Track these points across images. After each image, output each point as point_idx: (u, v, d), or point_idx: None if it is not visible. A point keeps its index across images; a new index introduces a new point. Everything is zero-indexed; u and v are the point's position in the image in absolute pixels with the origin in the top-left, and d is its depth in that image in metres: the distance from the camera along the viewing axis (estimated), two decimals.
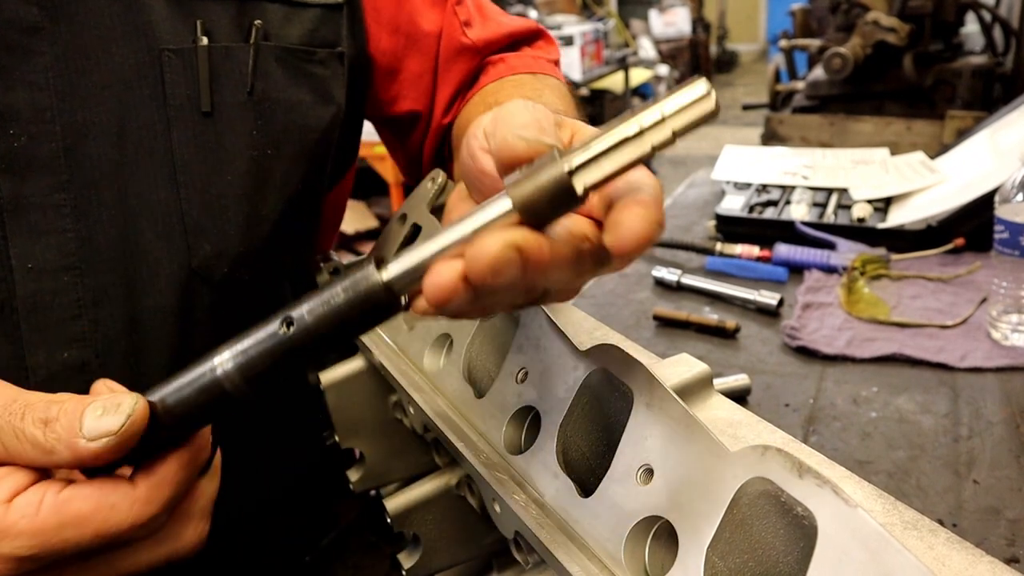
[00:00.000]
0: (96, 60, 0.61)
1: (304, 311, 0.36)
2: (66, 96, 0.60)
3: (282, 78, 0.69)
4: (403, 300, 0.36)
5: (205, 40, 0.64)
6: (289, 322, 0.36)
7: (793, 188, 1.51)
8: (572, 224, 0.36)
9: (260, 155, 0.68)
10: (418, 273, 0.34)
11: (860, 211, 1.37)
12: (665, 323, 1.15)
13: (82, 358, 0.62)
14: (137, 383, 0.42)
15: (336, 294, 0.35)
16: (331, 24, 0.72)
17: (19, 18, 0.58)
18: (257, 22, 0.67)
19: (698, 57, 9.65)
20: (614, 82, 5.55)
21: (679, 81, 9.07)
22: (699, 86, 0.31)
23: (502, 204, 0.34)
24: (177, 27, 0.64)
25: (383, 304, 0.35)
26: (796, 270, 1.27)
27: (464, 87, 0.84)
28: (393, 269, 0.35)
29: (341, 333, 0.36)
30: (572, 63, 4.81)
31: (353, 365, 0.66)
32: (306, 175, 0.72)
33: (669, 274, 1.25)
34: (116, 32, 0.62)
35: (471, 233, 0.34)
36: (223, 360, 0.37)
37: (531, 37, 0.89)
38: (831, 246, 1.29)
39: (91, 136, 0.61)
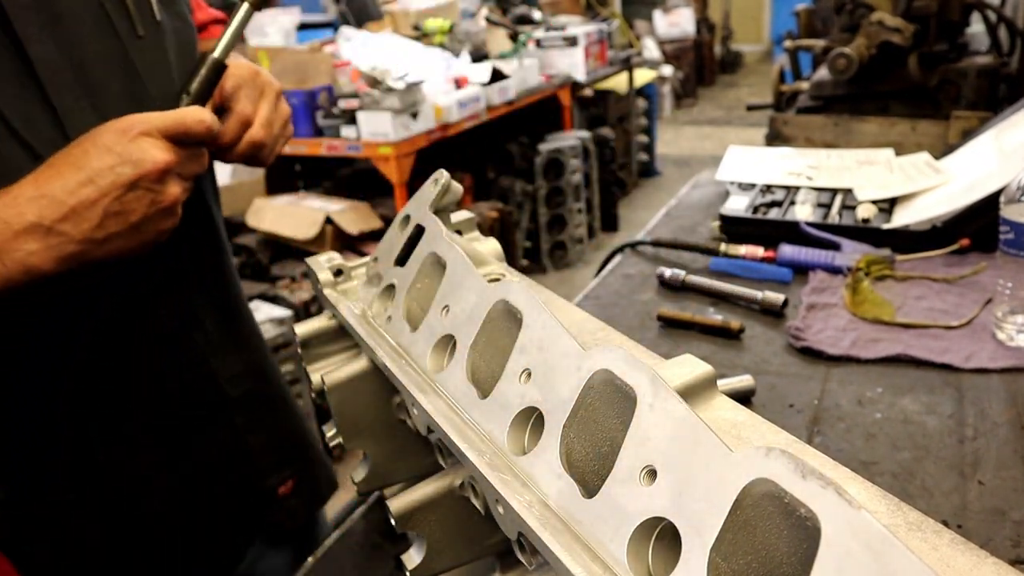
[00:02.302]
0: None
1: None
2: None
3: None
4: None
5: None
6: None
7: (797, 189, 1.51)
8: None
9: None
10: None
11: (865, 212, 1.37)
12: (669, 324, 1.15)
13: None
14: None
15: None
16: None
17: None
18: None
19: (702, 58, 9.65)
20: (618, 83, 5.55)
21: (682, 82, 9.03)
22: None
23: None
24: None
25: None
26: (800, 271, 1.26)
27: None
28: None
29: None
30: (576, 63, 4.80)
31: (356, 366, 0.66)
32: None
33: (673, 275, 1.25)
34: None
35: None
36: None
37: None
38: (836, 247, 1.28)
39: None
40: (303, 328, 0.73)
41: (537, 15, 5.40)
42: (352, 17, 4.92)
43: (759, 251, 1.29)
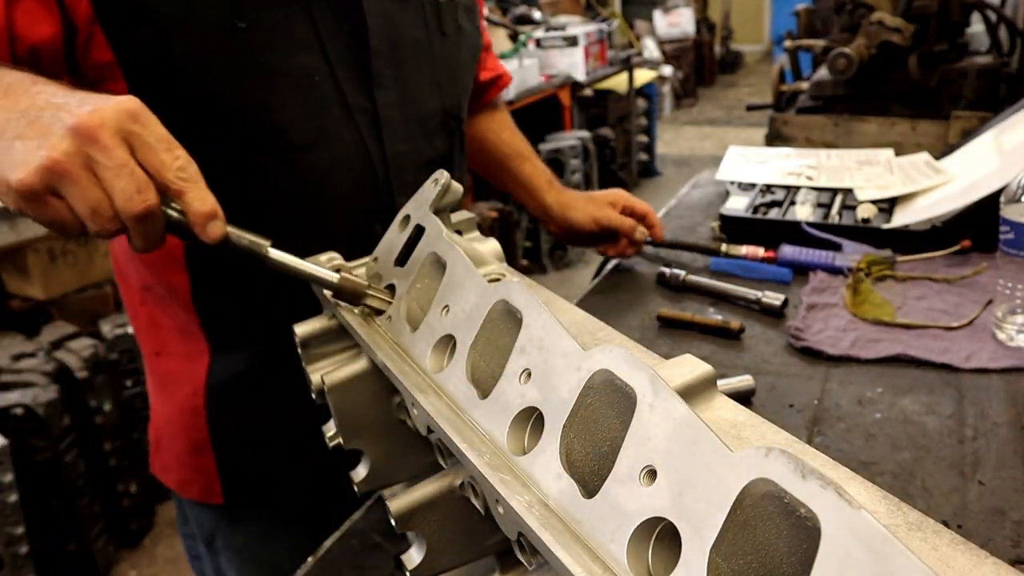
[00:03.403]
0: None
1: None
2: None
3: None
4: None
5: None
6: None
7: (797, 189, 1.51)
8: None
9: None
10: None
11: (865, 212, 1.37)
12: (669, 324, 1.15)
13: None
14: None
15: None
16: None
17: None
18: None
19: (702, 58, 9.65)
20: (618, 82, 5.55)
21: (682, 82, 9.02)
22: None
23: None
24: None
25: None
26: (801, 271, 1.26)
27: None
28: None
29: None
30: (576, 63, 4.80)
31: (357, 366, 0.66)
32: None
33: (673, 274, 1.25)
34: None
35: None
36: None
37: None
38: (836, 247, 1.28)
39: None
40: (303, 328, 0.73)
41: (537, 15, 5.39)
42: None
43: (759, 251, 1.29)
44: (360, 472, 0.69)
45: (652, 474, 0.39)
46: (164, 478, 1.04)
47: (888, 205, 1.41)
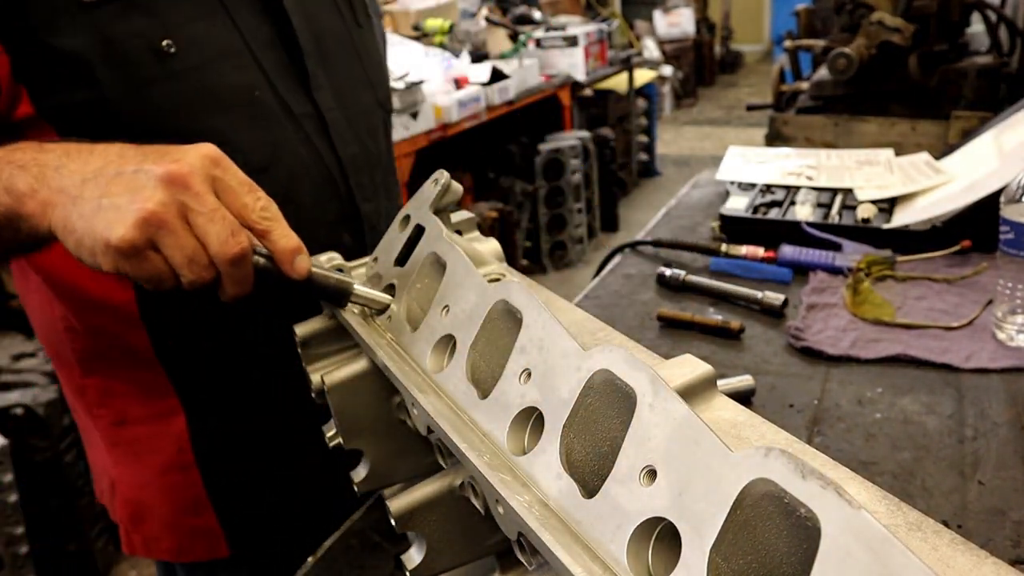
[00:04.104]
0: None
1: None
2: None
3: None
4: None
5: None
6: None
7: (797, 189, 1.51)
8: None
9: None
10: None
11: (865, 212, 1.37)
12: (669, 324, 1.15)
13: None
14: None
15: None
16: None
17: None
18: None
19: (702, 58, 9.64)
20: (618, 82, 5.55)
21: (682, 82, 9.01)
22: None
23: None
24: None
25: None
26: (801, 271, 1.26)
27: None
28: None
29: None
30: (576, 64, 4.80)
31: (357, 366, 0.66)
32: None
33: (673, 274, 1.25)
34: None
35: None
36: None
37: None
38: (836, 247, 1.28)
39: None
40: (303, 328, 0.73)
41: (537, 15, 5.39)
42: None
43: (759, 251, 1.29)
44: (360, 472, 0.69)
45: (652, 474, 0.39)
46: (152, 550, 0.97)
47: (888, 205, 1.41)
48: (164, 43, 0.77)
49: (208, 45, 0.80)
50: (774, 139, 1.97)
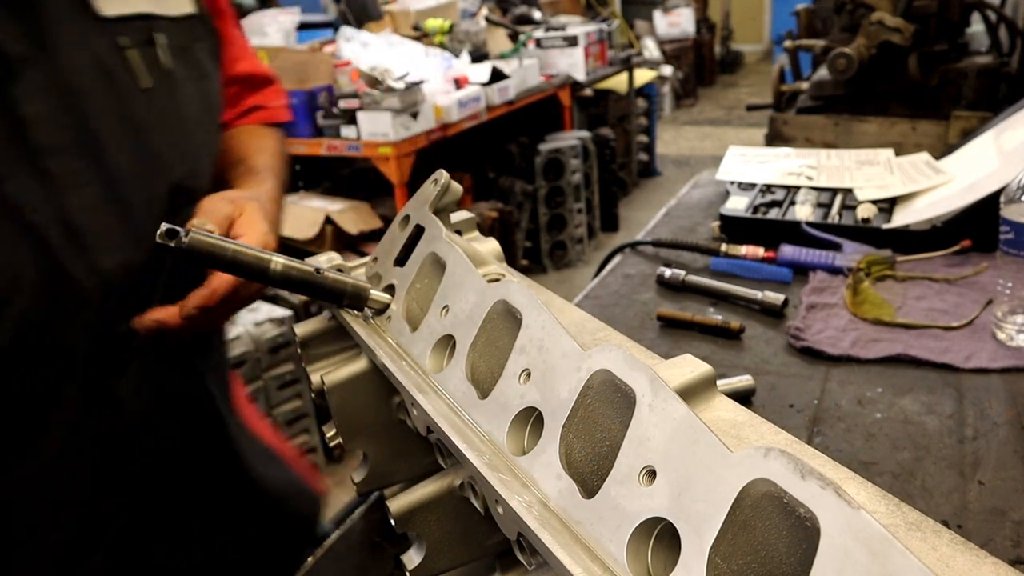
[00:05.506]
0: None
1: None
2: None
3: None
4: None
5: None
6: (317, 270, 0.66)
7: (797, 189, 1.51)
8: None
9: None
10: None
11: (865, 212, 1.37)
12: (669, 324, 1.15)
13: None
14: None
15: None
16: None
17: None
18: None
19: (702, 58, 9.64)
20: (618, 82, 5.55)
21: (682, 82, 9.00)
22: None
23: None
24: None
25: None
26: (801, 271, 1.26)
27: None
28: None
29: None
30: (576, 63, 4.80)
31: (356, 367, 0.66)
32: None
33: (673, 274, 1.25)
34: None
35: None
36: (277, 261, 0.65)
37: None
38: (836, 247, 1.28)
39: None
40: (303, 328, 0.73)
41: (537, 15, 5.40)
42: (352, 17, 4.92)
43: (759, 251, 1.29)
44: (360, 472, 0.69)
45: (652, 474, 0.39)
46: None
47: (888, 205, 1.41)
48: None
49: None
50: (774, 139, 1.96)
